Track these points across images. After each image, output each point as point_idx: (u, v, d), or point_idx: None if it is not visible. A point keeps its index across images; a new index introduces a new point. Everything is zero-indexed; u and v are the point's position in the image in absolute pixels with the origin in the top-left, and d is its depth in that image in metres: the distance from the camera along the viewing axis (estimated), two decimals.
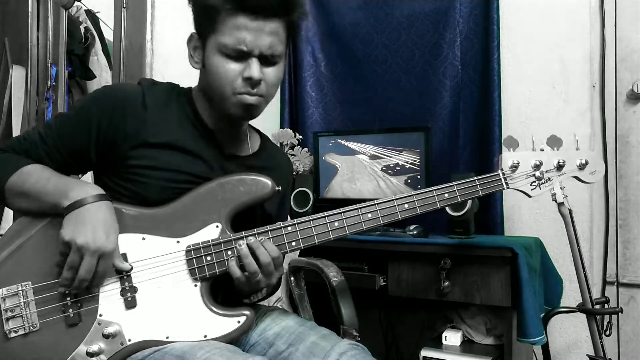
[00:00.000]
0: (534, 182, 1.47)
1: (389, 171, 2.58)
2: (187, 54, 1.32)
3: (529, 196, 1.48)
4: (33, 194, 1.22)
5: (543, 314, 2.07)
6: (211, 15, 1.20)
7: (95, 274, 1.16)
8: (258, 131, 1.50)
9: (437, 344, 2.29)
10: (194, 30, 1.28)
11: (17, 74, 2.36)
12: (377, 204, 1.33)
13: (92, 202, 1.17)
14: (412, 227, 2.33)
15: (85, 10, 2.66)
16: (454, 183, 1.40)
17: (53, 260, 1.18)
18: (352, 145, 2.67)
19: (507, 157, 1.46)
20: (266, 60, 1.24)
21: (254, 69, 1.22)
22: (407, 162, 2.53)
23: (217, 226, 1.25)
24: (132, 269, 1.20)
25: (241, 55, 1.22)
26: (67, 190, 1.19)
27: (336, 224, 1.30)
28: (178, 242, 1.24)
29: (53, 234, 1.18)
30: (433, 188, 1.39)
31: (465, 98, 2.72)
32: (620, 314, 2.09)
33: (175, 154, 1.27)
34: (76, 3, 2.48)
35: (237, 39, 1.20)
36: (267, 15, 1.20)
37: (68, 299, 1.18)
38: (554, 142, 1.49)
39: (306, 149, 2.89)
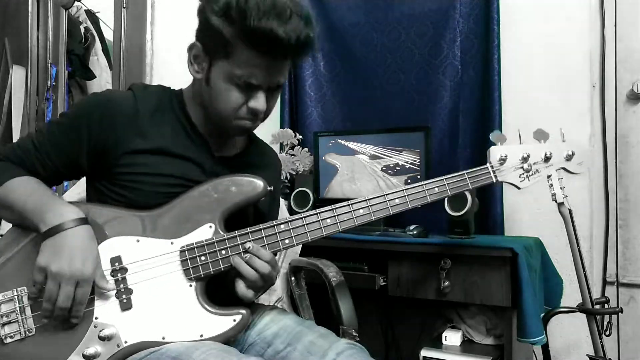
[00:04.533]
0: (523, 174, 1.51)
1: (389, 171, 2.57)
2: (186, 55, 1.31)
3: (518, 188, 1.52)
4: (15, 210, 1.22)
5: (543, 314, 2.07)
6: (225, 43, 1.19)
7: (74, 301, 1.14)
8: None
9: (437, 344, 2.29)
10: (195, 41, 1.26)
11: (17, 74, 2.37)
12: (369, 199, 1.34)
13: (69, 227, 1.16)
14: (412, 227, 2.33)
15: (85, 10, 2.67)
16: (443, 177, 1.43)
17: None
18: (352, 145, 2.67)
19: (495, 151, 1.50)
20: (271, 90, 1.27)
21: (261, 102, 1.24)
22: (407, 162, 2.53)
23: (210, 226, 1.25)
24: (112, 289, 1.20)
25: (249, 87, 1.22)
26: (45, 214, 1.18)
27: (328, 220, 1.31)
28: (172, 243, 1.24)
29: None
30: (423, 182, 1.41)
31: (465, 98, 2.71)
32: (620, 314, 2.09)
33: (167, 158, 1.27)
34: (76, 3, 2.49)
35: (249, 73, 1.20)
36: (282, 55, 1.21)
37: None
38: (541, 135, 1.55)
39: (306, 149, 2.88)
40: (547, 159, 1.52)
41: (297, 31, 1.16)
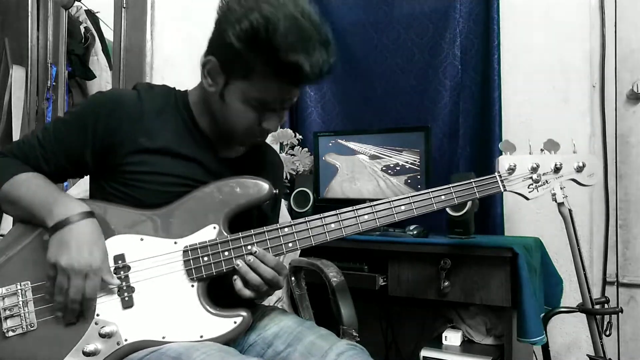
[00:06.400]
0: (532, 184, 1.48)
1: (389, 171, 2.57)
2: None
3: (527, 199, 1.49)
4: (22, 204, 1.22)
5: (543, 314, 2.07)
6: (246, 66, 1.18)
7: (84, 294, 1.16)
8: None
9: (437, 344, 2.29)
10: (210, 55, 1.24)
11: (17, 74, 2.37)
12: (374, 205, 1.34)
13: (76, 221, 1.17)
14: (412, 227, 2.33)
15: (85, 10, 2.67)
16: (450, 185, 1.41)
17: None
18: (352, 145, 2.67)
19: (504, 160, 1.47)
20: (283, 109, 1.28)
21: (274, 124, 1.27)
22: (407, 162, 2.53)
23: (214, 227, 1.26)
24: (120, 284, 1.20)
25: (264, 108, 1.24)
26: (52, 208, 1.18)
27: (333, 225, 1.30)
28: (175, 242, 1.24)
29: None
30: (430, 190, 1.39)
31: (465, 98, 2.71)
32: (620, 314, 2.09)
33: (172, 158, 1.28)
34: (76, 3, 2.49)
35: (266, 97, 1.22)
36: (302, 85, 1.25)
37: None
38: (552, 145, 1.50)
39: (306, 149, 2.89)
40: (557, 169, 1.48)
41: (321, 63, 1.18)
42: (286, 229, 1.28)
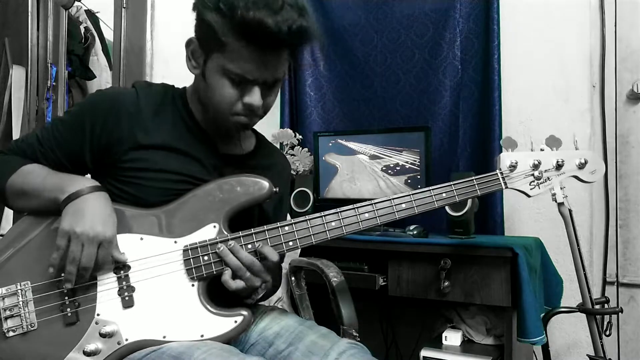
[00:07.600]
0: (533, 181, 1.47)
1: (389, 171, 2.57)
2: (185, 53, 1.32)
3: (528, 196, 1.48)
4: (32, 191, 1.24)
5: (543, 314, 2.07)
6: (217, 37, 1.18)
7: (96, 262, 1.17)
8: (253, 130, 1.50)
9: (437, 344, 2.29)
10: (193, 35, 1.26)
11: (17, 74, 2.36)
12: (374, 203, 1.33)
13: (88, 192, 1.19)
14: (412, 227, 2.33)
15: (85, 10, 2.67)
16: (451, 183, 1.40)
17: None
18: (352, 145, 2.67)
19: (505, 157, 1.46)
20: (267, 85, 1.25)
21: (257, 97, 1.22)
22: (407, 162, 2.53)
23: (214, 226, 1.26)
24: (127, 261, 1.22)
25: (244, 82, 1.21)
26: (64, 185, 1.21)
27: (333, 223, 1.30)
28: (175, 242, 1.24)
29: (54, 235, 1.18)
30: (431, 188, 1.39)
31: (465, 98, 2.71)
32: (620, 314, 2.09)
33: (171, 155, 1.28)
34: (76, 3, 2.49)
35: (242, 68, 1.19)
36: (274, 47, 1.19)
37: (66, 297, 1.19)
38: (553, 142, 1.49)
39: (306, 149, 2.89)
40: (558, 166, 1.47)
41: (289, 21, 1.13)
42: (286, 228, 1.27)
